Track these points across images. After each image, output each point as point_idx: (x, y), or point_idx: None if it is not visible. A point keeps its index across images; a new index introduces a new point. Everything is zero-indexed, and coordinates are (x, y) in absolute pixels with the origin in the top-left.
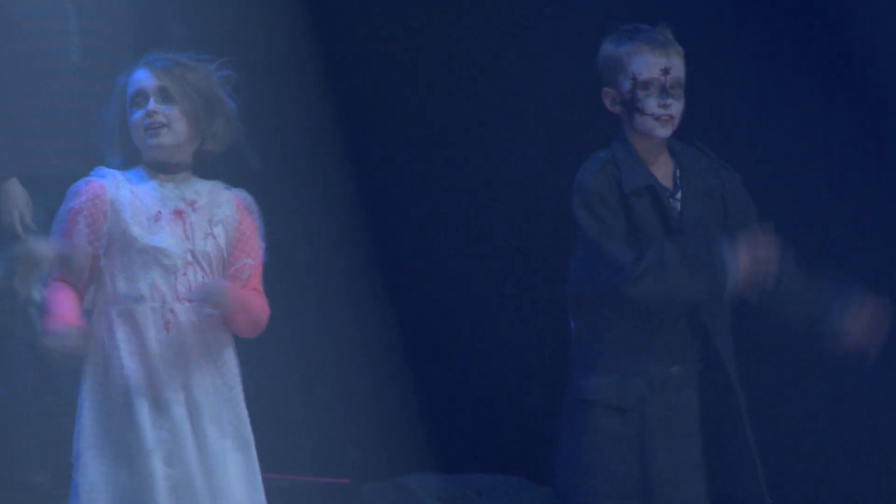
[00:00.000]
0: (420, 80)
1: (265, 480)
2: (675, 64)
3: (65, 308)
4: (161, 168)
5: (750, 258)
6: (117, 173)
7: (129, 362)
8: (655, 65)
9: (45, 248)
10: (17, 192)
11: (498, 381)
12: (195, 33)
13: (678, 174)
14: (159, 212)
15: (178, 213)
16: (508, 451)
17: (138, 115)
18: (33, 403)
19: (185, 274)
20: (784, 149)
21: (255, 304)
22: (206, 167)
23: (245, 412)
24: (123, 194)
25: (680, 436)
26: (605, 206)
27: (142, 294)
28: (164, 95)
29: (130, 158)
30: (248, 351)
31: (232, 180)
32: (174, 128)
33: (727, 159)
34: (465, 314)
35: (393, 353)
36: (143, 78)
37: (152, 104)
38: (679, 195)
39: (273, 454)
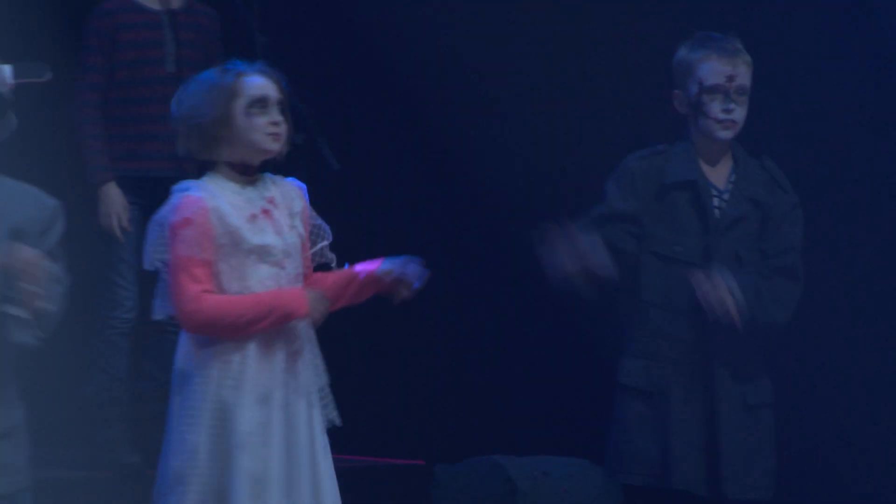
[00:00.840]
0: (481, 78)
1: (343, 461)
2: (741, 72)
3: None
4: (246, 171)
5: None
6: (201, 184)
7: (237, 357)
8: (722, 72)
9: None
10: (115, 195)
11: (564, 368)
12: (276, 41)
13: (732, 178)
14: (252, 213)
15: (266, 212)
16: (573, 434)
17: (261, 119)
18: (128, 389)
19: (283, 267)
20: (837, 150)
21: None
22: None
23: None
24: (221, 202)
25: (699, 421)
26: (633, 188)
27: (252, 290)
28: (282, 108)
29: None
30: (325, 338)
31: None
32: (285, 138)
33: (791, 176)
34: (536, 302)
35: (466, 341)
36: (265, 85)
37: (278, 114)
38: (726, 195)
39: (351, 437)
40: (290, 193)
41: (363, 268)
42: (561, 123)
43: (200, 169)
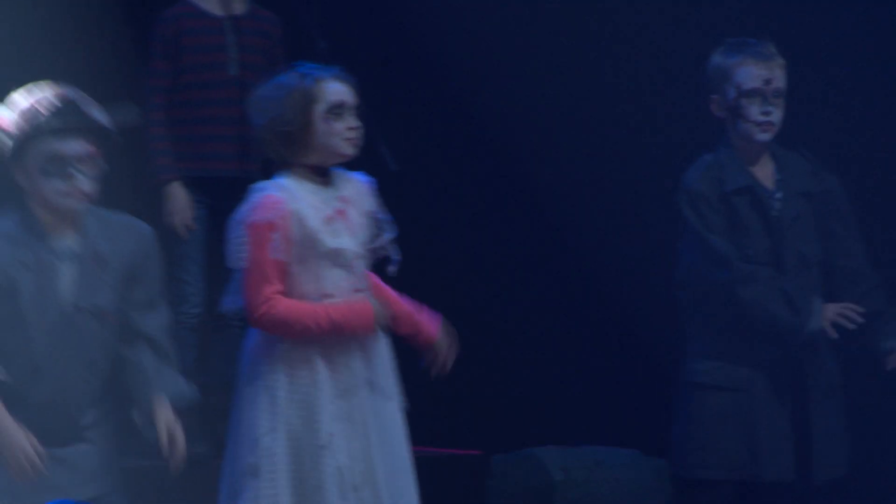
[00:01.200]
0: (529, 85)
1: None
2: (777, 75)
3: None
4: (322, 172)
5: (832, 319)
6: (280, 184)
7: (312, 355)
8: (759, 76)
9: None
10: (180, 194)
11: (618, 361)
12: (336, 45)
13: (778, 176)
14: (328, 215)
15: (341, 213)
16: (625, 425)
17: (339, 124)
18: (194, 382)
19: (354, 268)
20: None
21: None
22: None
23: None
24: (301, 205)
25: (783, 411)
26: (708, 204)
27: (327, 291)
28: (358, 112)
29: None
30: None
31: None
32: (360, 142)
33: (825, 160)
34: (591, 297)
35: (523, 334)
36: (344, 92)
37: (355, 119)
38: (778, 195)
39: (409, 427)
40: (361, 191)
41: (423, 322)
42: (615, 122)
43: (265, 168)
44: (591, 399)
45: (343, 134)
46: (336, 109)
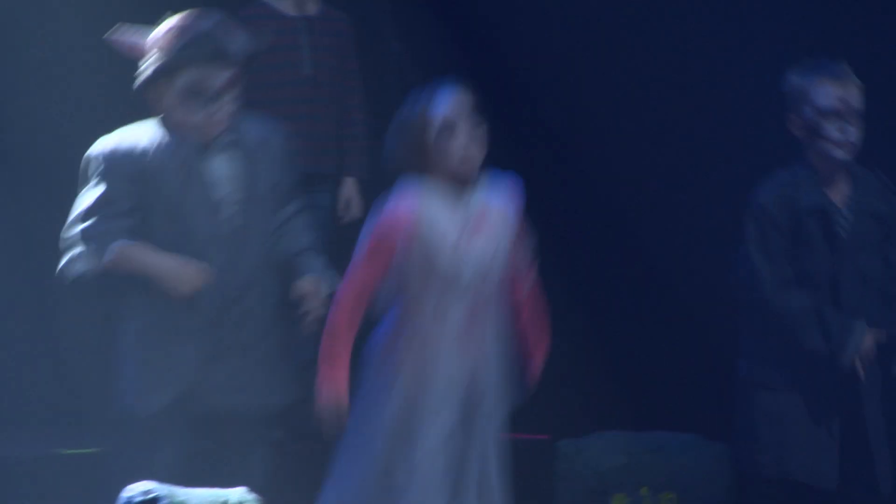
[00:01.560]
0: (602, 88)
1: None
2: (854, 95)
3: (343, 374)
4: (460, 179)
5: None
6: (422, 192)
7: (414, 378)
8: (836, 96)
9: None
10: None
11: (679, 348)
12: (409, 47)
13: (852, 194)
14: (460, 234)
15: (476, 230)
16: (687, 410)
17: (453, 143)
18: None
19: (477, 289)
20: None
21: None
22: None
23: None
24: (429, 221)
25: (823, 414)
26: (773, 224)
27: (443, 311)
28: (476, 121)
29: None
30: None
31: None
32: (483, 149)
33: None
34: (653, 284)
35: (586, 323)
36: (451, 108)
37: (472, 133)
38: (848, 214)
39: None
40: (502, 206)
41: (534, 356)
42: (688, 127)
43: (338, 164)
44: (653, 384)
45: (459, 153)
46: (446, 130)
